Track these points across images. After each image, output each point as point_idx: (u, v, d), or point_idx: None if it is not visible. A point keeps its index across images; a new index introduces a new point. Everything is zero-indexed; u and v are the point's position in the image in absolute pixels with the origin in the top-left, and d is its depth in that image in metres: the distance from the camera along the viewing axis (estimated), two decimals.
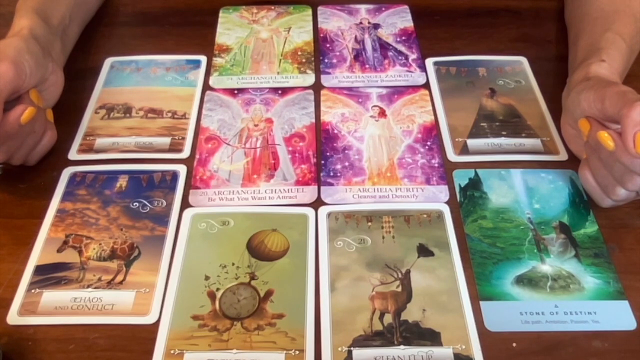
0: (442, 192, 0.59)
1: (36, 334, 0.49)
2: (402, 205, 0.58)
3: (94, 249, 0.54)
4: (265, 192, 0.59)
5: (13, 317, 0.50)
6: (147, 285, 0.52)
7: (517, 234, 0.56)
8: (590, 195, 0.57)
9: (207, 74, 0.72)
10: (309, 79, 0.71)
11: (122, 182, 0.60)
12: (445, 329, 0.49)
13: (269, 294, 0.51)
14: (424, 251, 0.54)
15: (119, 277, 0.52)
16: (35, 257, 0.54)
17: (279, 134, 0.65)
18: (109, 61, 0.74)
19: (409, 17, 0.80)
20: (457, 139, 0.64)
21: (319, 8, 0.82)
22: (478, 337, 0.48)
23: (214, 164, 0.62)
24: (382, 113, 0.67)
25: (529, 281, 0.52)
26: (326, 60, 0.74)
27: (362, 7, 0.82)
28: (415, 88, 0.70)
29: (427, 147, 0.63)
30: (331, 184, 0.60)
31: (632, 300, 0.51)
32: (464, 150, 0.63)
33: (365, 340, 0.48)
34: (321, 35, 0.78)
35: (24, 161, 0.59)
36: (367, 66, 0.73)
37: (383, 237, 0.55)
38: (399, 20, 0.80)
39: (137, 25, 0.81)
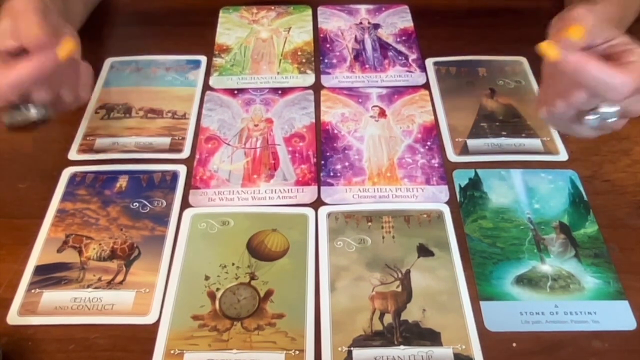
0: (442, 192, 0.59)
1: (36, 334, 0.49)
2: (402, 205, 0.58)
3: (94, 249, 0.54)
4: (265, 192, 0.59)
5: (13, 317, 0.50)
6: (147, 285, 0.52)
7: (517, 234, 0.56)
8: (537, 98, 0.56)
9: (207, 74, 0.72)
10: (309, 79, 0.71)
11: (122, 182, 0.60)
12: (445, 329, 0.49)
13: (269, 294, 0.51)
14: (424, 251, 0.54)
15: (119, 277, 0.52)
16: (35, 257, 0.54)
17: (279, 134, 0.65)
18: (109, 61, 0.74)
19: (409, 17, 0.80)
20: (457, 139, 0.64)
21: (319, 8, 0.82)
22: (478, 337, 0.48)
23: (214, 164, 0.62)
24: (382, 113, 0.67)
25: (529, 281, 0.52)
26: (326, 60, 0.74)
27: (362, 7, 0.82)
28: (415, 88, 0.70)
29: (427, 147, 0.63)
30: (331, 184, 0.60)
31: (632, 300, 0.51)
32: (464, 150, 0.63)
33: (365, 340, 0.48)
34: (321, 35, 0.78)
35: (76, 100, 0.56)
36: (367, 66, 0.73)
37: (383, 237, 0.55)
38: (399, 20, 0.80)
39: (137, 25, 0.81)
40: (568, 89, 0.48)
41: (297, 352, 0.47)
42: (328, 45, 0.76)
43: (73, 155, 0.63)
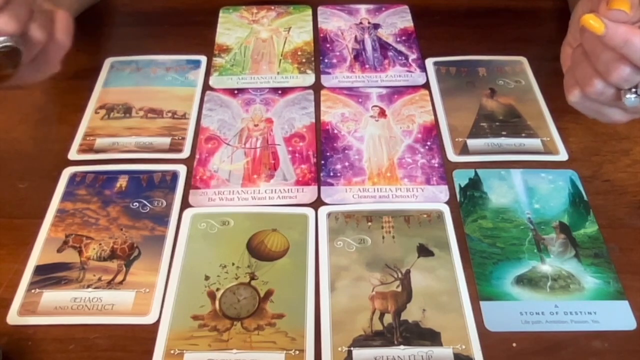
0: (442, 192, 0.59)
1: (36, 334, 0.49)
2: (402, 205, 0.58)
3: (94, 249, 0.54)
4: (265, 192, 0.59)
5: (13, 317, 0.50)
6: (147, 285, 0.52)
7: (517, 234, 0.56)
8: (564, 81, 0.53)
9: (207, 74, 0.72)
10: (309, 79, 0.71)
11: (122, 182, 0.60)
12: (445, 329, 0.49)
13: (269, 294, 0.51)
14: (424, 251, 0.54)
15: (119, 277, 0.52)
16: (35, 257, 0.54)
17: (279, 134, 0.65)
18: (109, 61, 0.74)
19: (409, 17, 0.80)
20: (457, 139, 0.64)
21: (319, 8, 0.82)
22: (478, 337, 0.48)
23: (214, 164, 0.62)
24: (382, 113, 0.67)
25: (529, 281, 0.52)
26: (326, 60, 0.74)
27: (362, 7, 0.82)
28: (415, 88, 0.70)
29: (427, 147, 0.63)
30: (331, 184, 0.60)
31: (632, 300, 0.51)
32: (464, 150, 0.63)
33: (365, 340, 0.48)
34: (321, 35, 0.78)
35: (52, 42, 0.51)
36: (367, 66, 0.73)
37: (383, 237, 0.55)
38: (399, 20, 0.80)
39: (137, 25, 0.81)
40: (608, 65, 0.46)
41: (297, 352, 0.47)
42: (328, 45, 0.76)
43: (73, 155, 0.63)
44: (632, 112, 0.50)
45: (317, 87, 0.70)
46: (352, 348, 0.48)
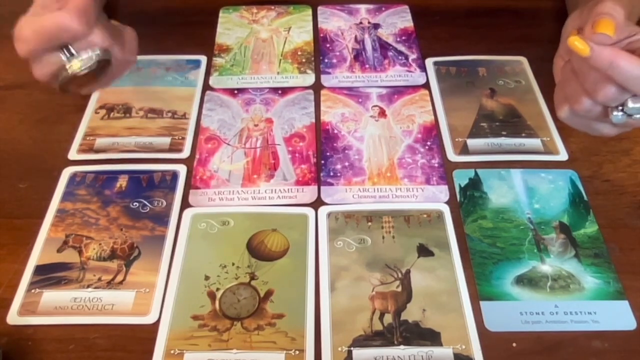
0: (442, 192, 0.59)
1: (36, 334, 0.49)
2: (402, 205, 0.58)
3: (94, 249, 0.54)
4: (265, 192, 0.59)
5: (13, 317, 0.50)
6: (147, 285, 0.52)
7: (517, 234, 0.56)
8: (554, 97, 0.54)
9: (207, 74, 0.72)
10: (309, 79, 0.71)
11: (122, 182, 0.60)
12: (445, 329, 0.49)
13: (269, 294, 0.51)
14: (424, 251, 0.54)
15: (119, 277, 0.52)
16: (35, 257, 0.54)
17: (279, 134, 0.65)
18: None
19: (409, 17, 0.80)
20: (457, 139, 0.64)
21: (319, 8, 0.82)
22: (478, 337, 0.48)
23: (214, 164, 0.62)
24: (382, 113, 0.67)
25: (529, 281, 0.52)
26: (326, 60, 0.74)
27: (362, 7, 0.82)
28: (415, 88, 0.70)
29: (427, 147, 0.63)
30: (331, 184, 0.60)
31: (632, 300, 0.51)
32: (464, 150, 0.63)
33: (365, 340, 0.48)
34: (321, 35, 0.78)
35: (124, 62, 0.56)
36: (367, 66, 0.73)
37: (383, 237, 0.55)
38: (399, 20, 0.80)
39: (137, 25, 0.81)
40: (595, 84, 0.47)
41: (297, 352, 0.47)
42: (328, 45, 0.76)
43: (73, 155, 0.63)
44: (620, 127, 0.51)
45: (317, 87, 0.70)
46: (352, 348, 0.48)
